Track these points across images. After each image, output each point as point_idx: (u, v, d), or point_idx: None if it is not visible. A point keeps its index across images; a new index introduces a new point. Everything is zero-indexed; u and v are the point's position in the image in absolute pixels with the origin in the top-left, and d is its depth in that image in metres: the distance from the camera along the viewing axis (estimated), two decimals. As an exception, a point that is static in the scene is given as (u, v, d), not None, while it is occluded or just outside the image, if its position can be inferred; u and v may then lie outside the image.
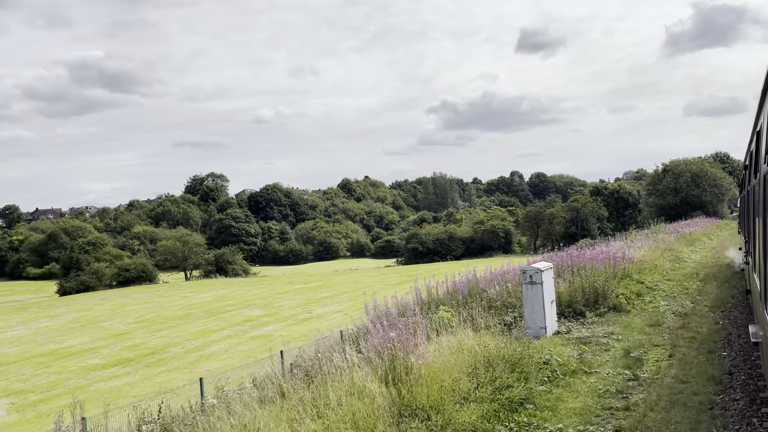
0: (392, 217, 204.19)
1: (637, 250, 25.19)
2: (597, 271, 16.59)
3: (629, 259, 20.15)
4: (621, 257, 19.56)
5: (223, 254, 72.86)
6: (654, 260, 24.14)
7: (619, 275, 17.81)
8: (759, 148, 7.33)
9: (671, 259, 26.83)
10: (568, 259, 18.62)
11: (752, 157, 9.00)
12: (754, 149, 8.30)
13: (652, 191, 77.97)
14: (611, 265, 18.02)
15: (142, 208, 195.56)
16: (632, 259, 20.33)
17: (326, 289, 40.99)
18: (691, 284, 19.14)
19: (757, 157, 7.62)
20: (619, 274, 17.90)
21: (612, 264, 18.16)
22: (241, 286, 51.41)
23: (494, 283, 16.25)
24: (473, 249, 71.38)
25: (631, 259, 20.25)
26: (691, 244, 36.02)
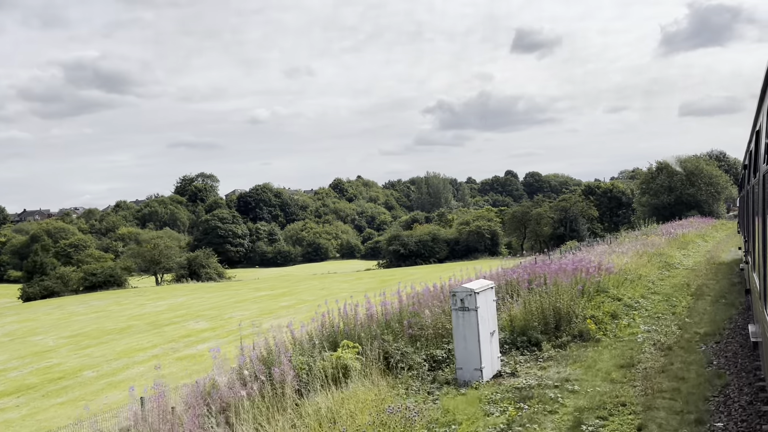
0: (384, 218, 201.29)
1: (620, 257, 22.01)
2: (563, 286, 13.39)
3: (607, 270, 16.95)
4: (596, 267, 16.37)
5: (197, 257, 69.60)
6: (639, 268, 20.96)
7: (591, 291, 14.62)
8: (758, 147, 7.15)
9: (660, 266, 23.66)
10: (525, 272, 15.44)
11: (751, 157, 8.94)
12: (754, 148, 8.17)
13: (646, 190, 74.86)
14: (582, 278, 14.83)
15: (128, 209, 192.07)
16: (610, 269, 17.11)
17: (289, 297, 37.78)
18: (680, 300, 15.96)
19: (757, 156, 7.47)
20: (592, 289, 14.71)
21: (584, 277, 14.97)
22: (206, 293, 48.16)
23: (434, 301, 13.07)
24: (458, 251, 68.17)
25: (609, 269, 17.04)
26: (684, 248, 32.88)
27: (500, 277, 15.67)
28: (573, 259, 18.13)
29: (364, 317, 12.03)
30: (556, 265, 15.18)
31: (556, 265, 15.36)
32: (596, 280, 15.03)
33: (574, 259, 17.94)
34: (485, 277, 16.00)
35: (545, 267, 15.30)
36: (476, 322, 9.58)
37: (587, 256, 21.10)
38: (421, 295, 13.96)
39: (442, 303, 12.83)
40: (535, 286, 13.58)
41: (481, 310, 9.69)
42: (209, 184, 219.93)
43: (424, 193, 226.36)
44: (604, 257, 21.58)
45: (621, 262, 20.95)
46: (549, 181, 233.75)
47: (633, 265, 21.68)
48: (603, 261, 18.99)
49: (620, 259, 21.57)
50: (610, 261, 20.14)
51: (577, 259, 17.45)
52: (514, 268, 17.80)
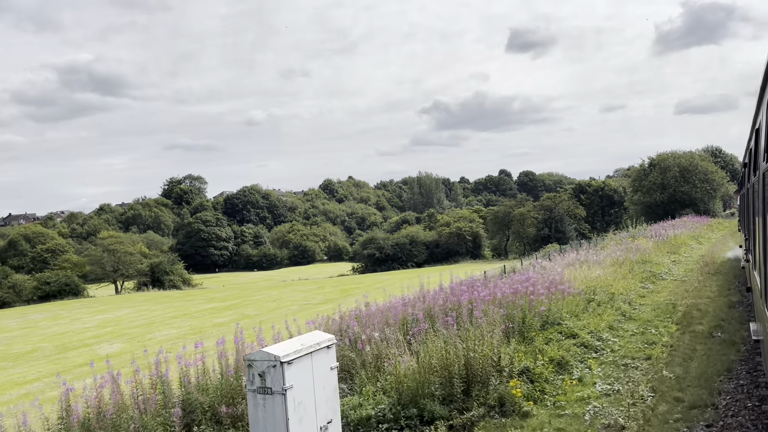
0: (375, 219, 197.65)
1: (590, 268, 17.90)
2: (487, 322, 9.26)
3: (564, 291, 12.81)
4: (548, 287, 12.24)
5: (160, 264, 65.31)
6: (614, 283, 16.84)
7: (535, 326, 10.49)
8: (758, 145, 7.11)
9: (643, 277, 19.55)
10: (446, 297, 11.31)
11: (751, 155, 8.91)
12: (753, 146, 8.09)
13: (638, 188, 70.80)
14: (526, 305, 10.71)
15: (112, 213, 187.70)
16: (566, 291, 12.95)
17: (232, 311, 33.61)
18: (660, 331, 11.83)
19: (756, 154, 7.48)
20: (537, 323, 10.56)
21: (527, 303, 10.84)
22: (156, 303, 43.95)
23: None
24: (438, 254, 63.93)
25: (565, 291, 12.88)
26: (674, 252, 28.79)
27: (427, 299, 11.60)
28: (518, 278, 13.96)
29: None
30: (484, 293, 11.00)
31: (483, 293, 11.18)
32: (542, 311, 10.85)
33: (519, 279, 13.77)
34: (423, 296, 11.92)
35: (472, 292, 11.14)
36: (284, 415, 5.43)
37: (529, 278, 17.03)
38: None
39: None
40: (449, 322, 9.44)
41: (295, 391, 5.54)
42: (197, 186, 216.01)
43: (416, 194, 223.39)
44: (569, 270, 17.46)
45: (590, 276, 16.82)
46: (543, 180, 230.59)
47: (608, 278, 17.56)
48: (563, 276, 14.86)
49: (590, 272, 17.44)
50: (573, 276, 16.01)
51: (523, 278, 13.26)
52: (455, 285, 13.73)
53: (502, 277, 16.71)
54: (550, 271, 18.48)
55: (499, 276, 27.54)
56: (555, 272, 17.58)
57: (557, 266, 19.34)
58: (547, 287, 12.15)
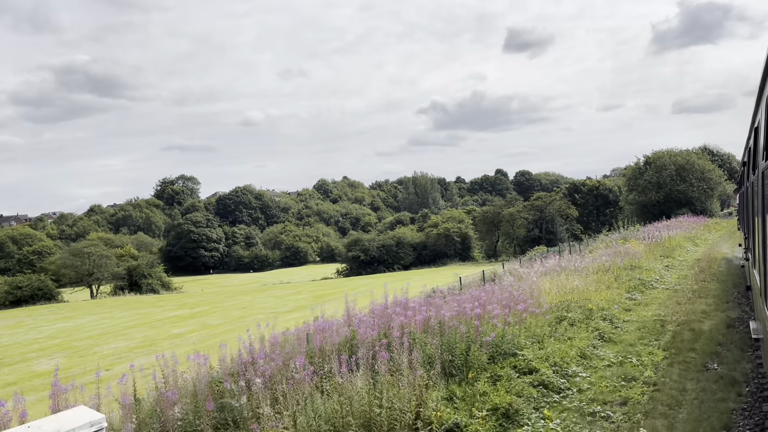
0: (369, 219, 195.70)
1: (568, 278, 15.70)
2: (421, 356, 7.04)
3: (527, 309, 10.58)
4: (506, 306, 10.01)
5: (138, 267, 62.96)
6: (595, 294, 14.64)
7: (482, 361, 8.26)
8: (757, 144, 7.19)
9: (630, 287, 17.34)
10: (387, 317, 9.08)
11: (750, 153, 9.02)
12: (752, 145, 8.22)
13: (633, 187, 68.60)
14: (471, 332, 8.48)
15: (102, 214, 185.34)
16: (529, 309, 10.71)
17: (194, 320, 31.34)
18: (643, 362, 9.61)
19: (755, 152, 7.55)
20: (483, 357, 8.33)
21: (472, 331, 8.62)
22: (125, 310, 41.64)
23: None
24: (425, 256, 61.55)
25: (528, 309, 10.65)
26: (668, 255, 26.58)
27: (355, 323, 9.40)
28: (474, 294, 11.73)
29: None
30: (419, 316, 8.75)
31: (419, 315, 8.92)
32: (489, 339, 8.59)
33: (474, 294, 11.55)
34: (349, 318, 9.70)
35: (410, 312, 8.91)
36: None
37: (477, 297, 14.85)
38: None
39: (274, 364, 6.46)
40: (377, 353, 7.21)
41: None
42: (189, 187, 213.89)
43: (411, 194, 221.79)
44: (544, 280, 15.26)
45: (567, 287, 14.61)
46: (540, 179, 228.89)
47: (589, 288, 15.36)
48: (535, 288, 12.65)
49: (568, 282, 15.23)
50: (547, 287, 13.81)
51: (475, 295, 11.01)
52: (403, 301, 11.50)
53: (480, 286, 14.52)
54: (525, 280, 16.30)
55: (478, 284, 25.28)
56: (529, 281, 15.38)
57: (534, 274, 17.13)
58: (505, 305, 9.92)
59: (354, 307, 10.43)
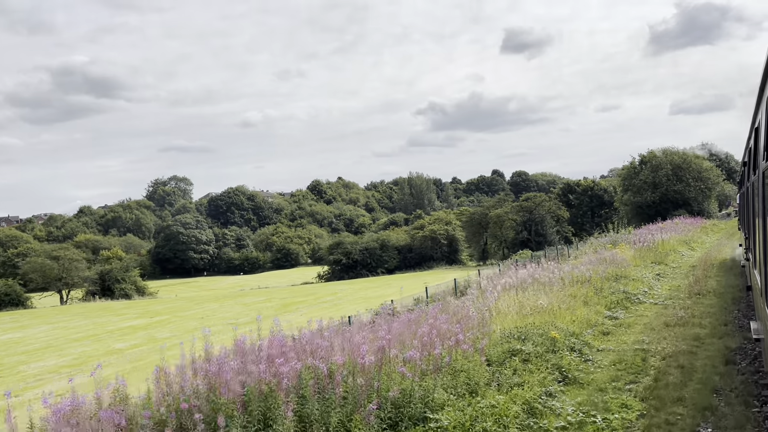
0: (363, 220, 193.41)
1: (535, 294, 13.16)
2: None
3: (455, 345, 8.00)
4: (424, 346, 7.44)
5: (110, 271, 60.11)
6: (568, 312, 12.11)
7: None
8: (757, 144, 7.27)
9: (612, 302, 14.81)
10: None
11: (751, 154, 9.10)
12: (753, 145, 8.28)
13: (628, 187, 66.10)
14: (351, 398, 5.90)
15: (91, 215, 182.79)
16: (454, 345, 8.09)
17: (149, 330, 28.82)
18: (610, 423, 7.06)
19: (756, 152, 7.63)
20: (376, 424, 5.76)
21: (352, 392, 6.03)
22: (83, 318, 39.07)
23: None
24: (410, 260, 58.87)
25: (455, 347, 8.04)
26: (660, 261, 24.03)
27: (212, 368, 6.89)
28: (400, 322, 9.14)
29: None
30: (292, 364, 6.17)
31: (293, 364, 6.34)
32: (391, 395, 6.00)
33: (387, 329, 8.95)
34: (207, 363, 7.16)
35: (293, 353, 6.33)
36: None
37: (486, 297, 12.36)
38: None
39: None
40: None
41: None
42: (182, 188, 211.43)
43: (406, 194, 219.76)
44: (505, 297, 12.73)
45: (532, 306, 12.06)
46: (536, 180, 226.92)
47: (561, 306, 12.82)
48: (487, 311, 10.08)
49: (534, 298, 12.68)
50: (506, 306, 11.25)
51: (404, 321, 8.37)
52: (306, 334, 9.00)
53: (450, 296, 12.01)
54: (487, 296, 13.78)
55: (447, 294, 22.70)
56: (491, 298, 12.84)
57: (499, 287, 14.58)
58: (426, 344, 7.33)
59: (221, 346, 7.81)
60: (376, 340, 7.18)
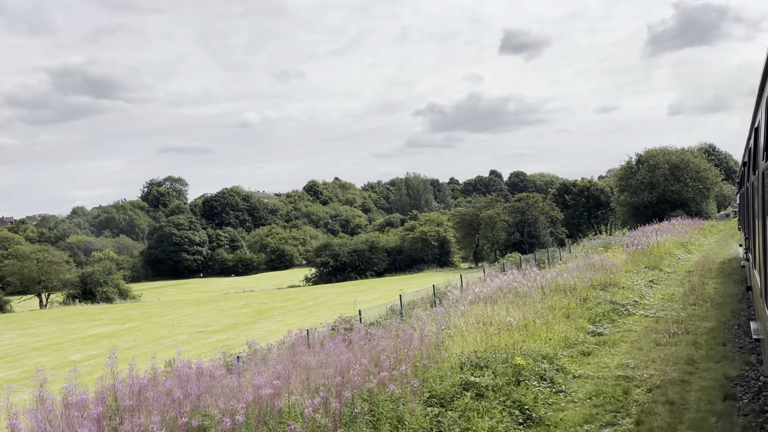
0: (359, 221, 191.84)
1: (509, 307, 11.56)
2: None
3: (381, 383, 6.39)
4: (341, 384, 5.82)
5: (92, 274, 58.34)
6: (537, 334, 10.52)
7: None
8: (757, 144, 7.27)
9: (597, 314, 13.23)
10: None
11: (751, 153, 9.11)
12: (753, 145, 8.32)
13: (624, 187, 64.53)
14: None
15: (84, 216, 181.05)
16: (381, 383, 6.48)
17: (113, 339, 27.22)
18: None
19: (756, 152, 7.64)
20: None
21: None
22: (56, 324, 37.46)
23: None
24: (401, 262, 57.21)
25: (383, 384, 6.42)
26: (654, 266, 22.44)
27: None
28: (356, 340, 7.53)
29: None
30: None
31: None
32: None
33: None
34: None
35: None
36: None
37: (455, 308, 10.83)
38: None
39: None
40: None
41: None
42: (177, 189, 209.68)
43: (403, 195, 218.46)
44: (473, 311, 11.14)
45: (500, 322, 10.48)
46: (534, 180, 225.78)
47: (536, 322, 11.23)
48: (440, 334, 8.50)
49: (503, 313, 11.10)
50: (467, 324, 9.66)
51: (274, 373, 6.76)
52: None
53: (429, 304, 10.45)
54: (456, 309, 12.20)
55: (425, 301, 21.14)
56: (453, 315, 11.24)
57: (467, 299, 12.98)
58: (339, 386, 5.72)
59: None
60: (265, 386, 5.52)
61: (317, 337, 12.18)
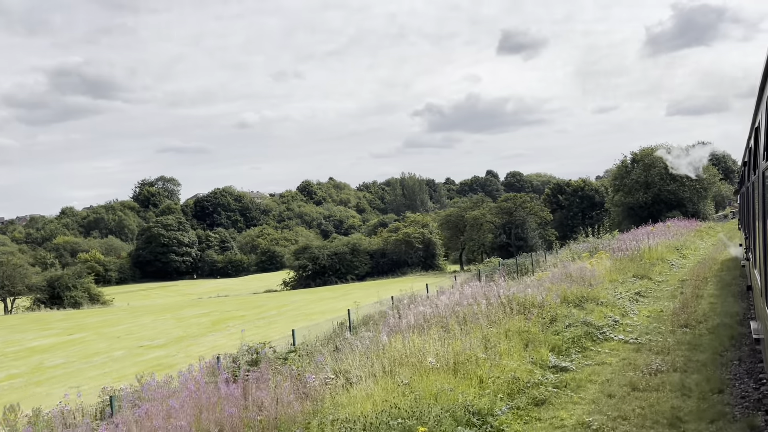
0: (353, 222, 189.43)
1: (446, 337, 8.97)
2: None
3: None
4: None
5: (60, 278, 55.49)
6: (468, 379, 7.93)
7: None
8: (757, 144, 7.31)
9: (564, 341, 10.67)
10: None
11: (751, 153, 9.20)
12: (753, 145, 8.33)
13: (619, 187, 62.03)
14: None
15: (73, 216, 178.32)
16: None
17: (45, 355, 24.62)
18: None
19: (756, 152, 7.67)
20: None
21: None
22: (8, 333, 34.80)
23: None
24: (383, 265, 54.52)
25: None
26: (643, 275, 19.82)
27: None
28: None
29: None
30: None
31: None
32: None
33: None
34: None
35: None
36: None
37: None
38: None
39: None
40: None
41: None
42: (169, 189, 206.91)
43: (398, 195, 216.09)
44: (394, 343, 8.56)
45: (419, 366, 7.88)
46: (531, 180, 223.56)
47: (479, 355, 8.67)
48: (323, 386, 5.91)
49: (436, 344, 8.53)
50: (368, 366, 7.06)
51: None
52: None
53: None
54: (385, 337, 9.64)
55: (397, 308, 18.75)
56: (378, 341, 8.65)
57: (403, 322, 10.37)
58: None
59: None
60: None
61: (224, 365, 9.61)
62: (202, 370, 9.90)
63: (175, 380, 11.78)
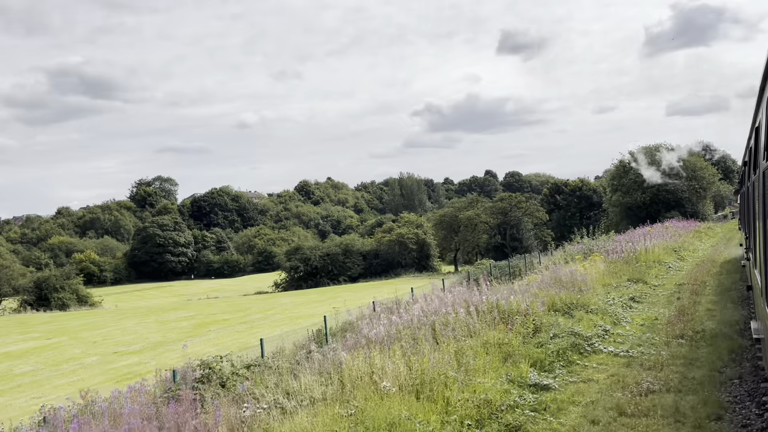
0: (351, 222, 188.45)
1: (395, 359, 8.02)
2: None
3: None
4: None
5: (48, 279, 54.47)
6: (435, 402, 6.98)
7: None
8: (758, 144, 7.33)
9: (548, 354, 9.73)
10: None
11: (751, 153, 9.22)
12: (753, 145, 8.39)
13: (617, 187, 61.10)
14: None
15: (69, 216, 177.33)
16: None
17: (13, 362, 23.56)
18: None
19: (756, 152, 7.72)
20: None
21: None
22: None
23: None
24: (377, 266, 53.50)
25: None
26: (638, 278, 18.88)
27: None
28: None
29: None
30: None
31: None
32: None
33: None
34: None
35: None
36: None
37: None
38: None
39: None
40: None
41: None
42: (166, 189, 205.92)
43: (396, 195, 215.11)
44: (351, 361, 7.59)
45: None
46: (530, 181, 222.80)
47: (447, 373, 7.69)
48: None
49: (394, 362, 7.56)
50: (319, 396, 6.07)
51: None
52: None
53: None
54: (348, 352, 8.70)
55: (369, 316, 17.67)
56: (335, 358, 7.70)
57: (372, 333, 9.43)
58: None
59: None
60: None
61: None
62: (156, 385, 8.97)
63: (122, 396, 10.90)
